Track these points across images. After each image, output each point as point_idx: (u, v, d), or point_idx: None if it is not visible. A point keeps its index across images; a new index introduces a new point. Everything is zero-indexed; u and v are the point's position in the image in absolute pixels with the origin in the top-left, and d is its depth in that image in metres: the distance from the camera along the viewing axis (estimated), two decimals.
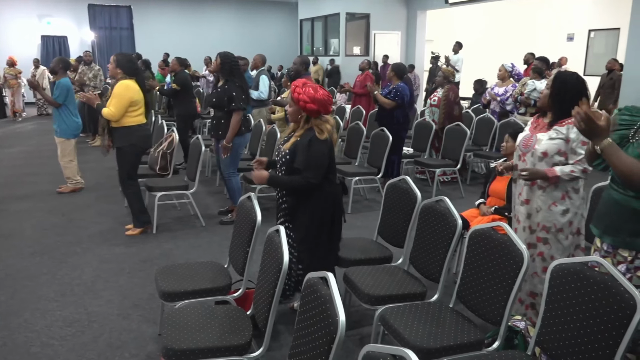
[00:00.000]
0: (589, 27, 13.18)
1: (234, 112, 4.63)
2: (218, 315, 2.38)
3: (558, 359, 2.01)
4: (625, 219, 2.09)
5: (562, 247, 2.77)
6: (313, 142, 2.80)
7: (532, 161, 2.78)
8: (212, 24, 17.88)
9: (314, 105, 2.79)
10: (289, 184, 2.89)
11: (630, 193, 2.06)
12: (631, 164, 1.97)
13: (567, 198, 2.73)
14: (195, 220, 5.08)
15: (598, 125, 1.98)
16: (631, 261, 2.10)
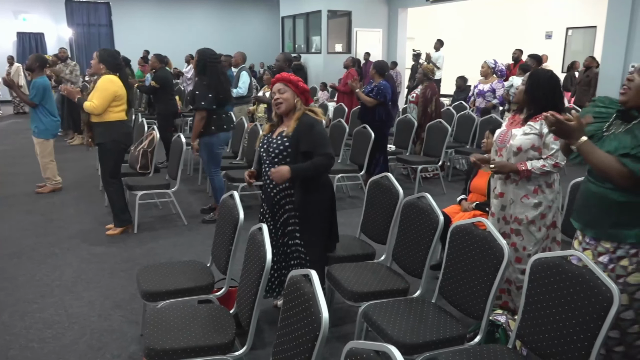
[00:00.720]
0: (567, 25, 13.39)
1: (196, 112, 4.61)
2: (201, 314, 2.37)
3: (538, 351, 2.05)
4: (605, 211, 2.13)
5: (535, 239, 2.83)
6: (315, 123, 2.81)
7: (507, 156, 2.84)
8: (192, 21, 17.72)
9: (305, 86, 2.86)
10: (313, 167, 2.78)
11: (608, 185, 2.09)
12: (607, 160, 2.01)
13: (539, 192, 2.79)
14: (177, 219, 5.03)
15: (570, 126, 2.02)
16: (613, 252, 2.13)
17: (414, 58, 12.29)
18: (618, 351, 2.22)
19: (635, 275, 2.10)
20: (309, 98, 2.92)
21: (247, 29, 18.42)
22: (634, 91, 2.04)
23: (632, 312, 2.15)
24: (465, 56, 13.89)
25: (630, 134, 2.03)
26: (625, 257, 2.11)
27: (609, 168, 2.00)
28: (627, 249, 2.10)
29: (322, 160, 2.78)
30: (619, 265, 2.12)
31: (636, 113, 2.06)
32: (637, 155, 1.97)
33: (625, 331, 2.18)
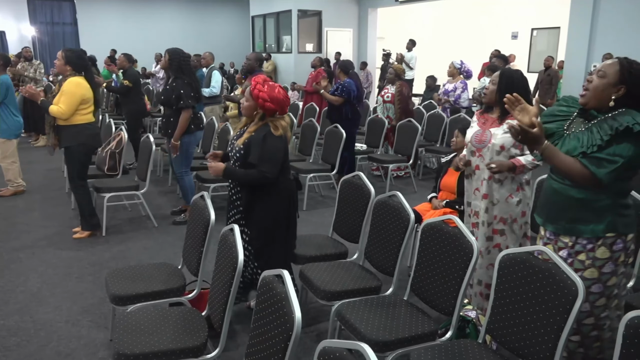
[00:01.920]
0: (532, 25, 13.72)
1: (182, 110, 4.55)
2: (172, 317, 2.33)
3: (507, 345, 2.09)
4: (564, 206, 2.20)
5: (516, 237, 2.89)
6: (268, 137, 2.79)
7: (490, 155, 2.84)
8: (160, 20, 17.44)
9: (272, 105, 2.79)
10: (244, 176, 2.85)
11: (567, 182, 2.17)
12: (569, 162, 2.08)
13: (520, 190, 2.85)
14: (147, 221, 4.95)
15: (534, 134, 2.07)
16: (572, 246, 2.20)
17: (384, 58, 12.39)
18: (575, 341, 2.30)
19: (591, 270, 2.18)
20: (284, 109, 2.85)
21: (217, 28, 18.24)
22: (592, 93, 2.10)
23: (587, 305, 2.23)
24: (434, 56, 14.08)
25: (588, 133, 2.10)
26: (583, 252, 2.18)
27: (571, 170, 2.08)
28: (584, 244, 2.17)
29: (255, 174, 2.80)
30: (577, 260, 2.19)
31: (595, 113, 2.13)
32: (596, 156, 2.03)
33: (581, 322, 2.26)
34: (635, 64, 2.07)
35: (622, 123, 1.99)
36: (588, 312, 2.24)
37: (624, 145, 2.00)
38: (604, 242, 2.15)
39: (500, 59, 7.40)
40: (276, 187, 2.88)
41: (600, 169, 2.01)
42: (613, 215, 2.13)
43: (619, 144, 2.00)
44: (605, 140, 2.01)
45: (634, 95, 2.06)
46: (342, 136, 5.49)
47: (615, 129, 2.00)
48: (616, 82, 2.05)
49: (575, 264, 2.19)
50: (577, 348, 2.32)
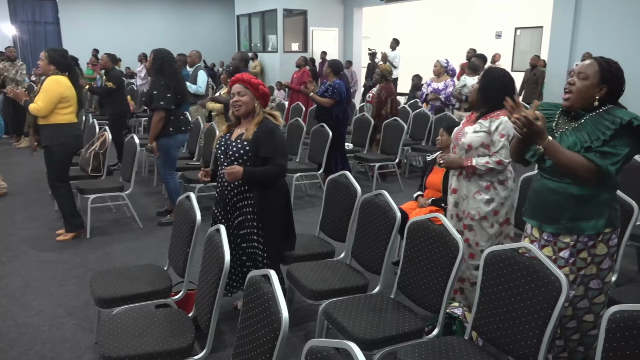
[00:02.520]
0: (516, 25, 13.85)
1: (155, 112, 4.52)
2: (158, 319, 2.32)
3: (493, 341, 2.11)
4: (563, 205, 2.18)
5: (487, 235, 2.90)
6: (276, 129, 2.82)
7: (459, 153, 2.93)
8: (145, 19, 17.27)
9: (266, 90, 2.83)
10: (266, 174, 2.79)
11: (566, 180, 2.16)
12: (574, 157, 2.06)
13: (491, 188, 2.87)
14: (132, 223, 4.90)
15: (538, 126, 2.05)
16: (573, 245, 2.19)
17: (369, 57, 12.42)
18: (575, 339, 2.32)
19: (591, 267, 2.20)
20: (267, 101, 2.89)
21: (202, 27, 18.11)
22: (576, 95, 2.13)
23: (586, 301, 2.25)
24: (419, 55, 14.16)
25: (584, 129, 2.11)
26: (584, 249, 2.18)
27: (577, 165, 2.06)
28: (586, 241, 2.17)
29: (275, 170, 2.79)
30: (579, 258, 2.20)
31: (582, 112, 2.16)
32: (601, 150, 2.04)
33: (580, 319, 2.28)
34: (612, 63, 2.11)
35: (622, 118, 2.03)
36: (587, 309, 2.26)
37: (625, 139, 2.04)
38: (602, 238, 2.17)
39: (480, 58, 7.46)
40: (281, 184, 2.90)
41: (606, 161, 2.03)
42: (610, 209, 2.16)
43: (621, 138, 2.03)
44: (608, 135, 2.04)
45: (614, 92, 2.11)
46: (329, 135, 5.50)
47: (618, 123, 2.02)
48: (598, 82, 2.09)
49: (578, 263, 2.19)
50: (577, 346, 2.33)
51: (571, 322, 2.27)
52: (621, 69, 2.12)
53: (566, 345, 2.32)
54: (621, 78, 2.11)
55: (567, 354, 2.35)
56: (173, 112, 4.59)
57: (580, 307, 2.24)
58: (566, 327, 2.29)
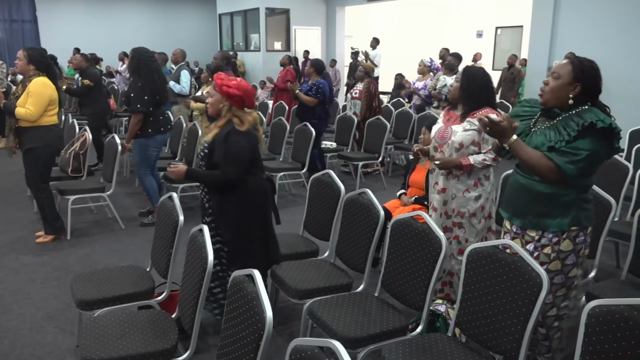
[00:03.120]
0: (496, 24, 14.00)
1: (132, 114, 4.48)
2: (141, 320, 2.29)
3: (476, 337, 2.14)
4: (531, 201, 2.26)
5: (476, 231, 2.95)
6: (231, 135, 2.65)
7: (449, 152, 2.93)
8: (126, 18, 17.04)
9: (237, 91, 2.66)
10: (206, 177, 2.76)
11: (535, 177, 2.22)
12: (536, 156, 2.13)
13: (479, 185, 2.91)
14: (114, 224, 4.84)
15: (502, 127, 2.12)
16: (538, 240, 2.26)
17: (352, 56, 12.45)
18: (540, 332, 2.37)
19: (555, 263, 2.25)
20: (252, 100, 2.76)
21: (183, 26, 17.94)
22: (549, 94, 2.18)
23: (550, 296, 2.30)
24: (401, 54, 14.24)
25: (554, 129, 2.16)
26: (548, 245, 2.24)
27: (538, 163, 2.13)
28: (550, 237, 2.23)
29: (219, 176, 2.68)
30: (543, 253, 2.25)
31: (559, 111, 2.20)
32: (562, 149, 2.09)
33: (545, 314, 2.33)
34: (585, 62, 2.14)
35: (586, 120, 2.07)
36: (551, 303, 2.31)
37: (588, 140, 2.07)
38: (568, 235, 2.21)
39: (455, 57, 7.52)
40: (246, 187, 2.73)
41: (563, 159, 2.08)
42: (577, 209, 2.20)
43: (584, 139, 2.07)
44: (572, 136, 2.08)
45: (590, 91, 2.14)
46: (312, 134, 5.50)
47: (581, 124, 2.07)
48: (571, 81, 2.13)
49: (541, 257, 2.25)
50: (543, 340, 2.39)
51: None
52: (596, 67, 2.15)
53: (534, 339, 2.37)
54: (595, 77, 2.14)
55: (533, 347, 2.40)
56: (151, 113, 4.54)
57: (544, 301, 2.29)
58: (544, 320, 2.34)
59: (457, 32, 14.21)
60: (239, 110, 2.73)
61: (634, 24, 7.46)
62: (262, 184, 2.83)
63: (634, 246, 2.74)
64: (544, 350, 2.42)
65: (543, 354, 2.43)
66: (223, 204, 2.76)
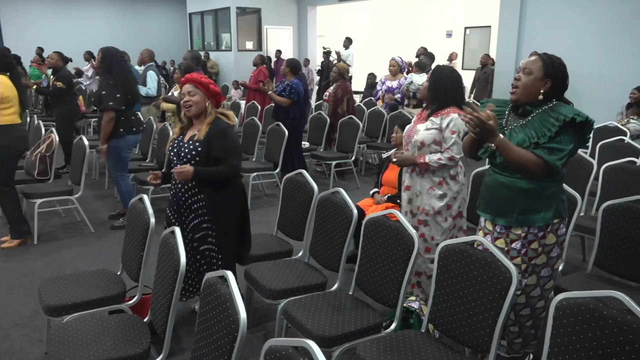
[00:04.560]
0: (465, 24, 14.24)
1: (104, 112, 4.40)
2: (112, 325, 2.25)
3: (449, 332, 2.17)
4: (515, 199, 2.27)
5: (442, 229, 2.98)
6: (229, 130, 2.75)
7: (412, 150, 2.99)
8: (92, 17, 16.66)
9: (217, 89, 2.78)
10: (217, 174, 2.73)
11: (516, 175, 2.24)
12: (523, 154, 2.15)
13: (444, 184, 2.95)
14: (83, 227, 4.74)
15: (490, 125, 2.13)
16: (524, 237, 2.28)
17: (324, 56, 12.48)
18: (528, 325, 2.41)
19: (542, 257, 2.29)
20: (220, 100, 2.83)
21: (153, 25, 17.66)
22: (521, 89, 2.22)
23: (539, 290, 2.34)
24: (373, 54, 14.34)
25: (531, 126, 2.20)
26: (535, 240, 2.27)
27: (526, 161, 2.14)
28: (536, 232, 2.26)
29: (227, 170, 2.73)
30: (530, 249, 2.29)
31: (530, 108, 2.24)
32: (548, 146, 2.13)
33: (534, 307, 2.37)
34: (555, 58, 2.20)
35: (566, 115, 2.12)
36: (539, 296, 2.35)
37: (569, 135, 2.13)
38: (552, 229, 2.26)
39: (428, 57, 7.61)
40: (235, 184, 2.83)
41: (553, 157, 2.12)
42: (557, 202, 2.25)
43: (566, 134, 2.12)
44: (553, 132, 2.13)
45: (558, 87, 2.20)
46: (284, 134, 5.48)
47: (562, 120, 2.11)
48: (542, 76, 2.18)
49: (529, 253, 2.28)
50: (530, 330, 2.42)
51: (525, 309, 2.36)
52: (564, 64, 2.22)
53: (520, 332, 2.42)
54: (564, 73, 2.21)
55: (522, 340, 2.44)
56: (123, 112, 4.46)
57: (533, 295, 2.34)
58: (520, 315, 2.38)
59: (427, 32, 14.39)
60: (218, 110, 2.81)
61: (598, 23, 7.69)
62: (240, 179, 2.93)
63: (599, 240, 2.82)
64: (530, 338, 2.44)
65: (529, 342, 2.45)
66: (217, 201, 2.78)
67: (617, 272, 2.77)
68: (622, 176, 3.73)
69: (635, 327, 1.56)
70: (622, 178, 3.72)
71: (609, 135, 5.14)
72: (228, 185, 2.79)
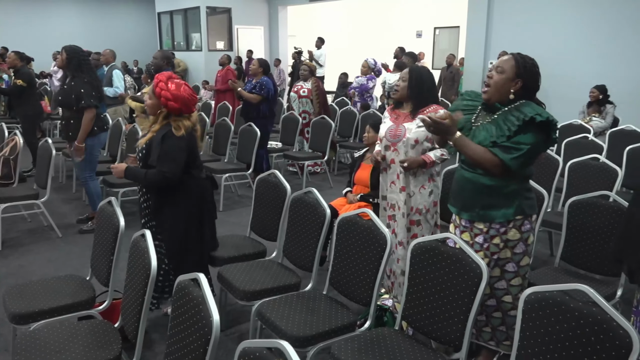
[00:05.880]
0: (435, 25, 14.43)
1: (85, 110, 4.30)
2: (81, 331, 2.20)
3: (422, 329, 2.20)
4: (476, 194, 2.33)
5: (430, 226, 3.04)
6: (167, 138, 2.70)
7: (404, 149, 2.97)
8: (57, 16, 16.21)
9: (175, 104, 2.69)
10: (143, 177, 2.74)
11: (478, 171, 2.31)
12: (480, 151, 2.22)
13: (431, 180, 3.00)
14: (50, 232, 4.62)
15: (445, 125, 2.20)
16: (486, 232, 2.34)
17: (294, 55, 12.46)
18: (497, 317, 2.47)
19: (505, 251, 2.34)
20: (190, 108, 2.76)
21: (120, 24, 17.30)
22: (493, 88, 2.26)
23: (504, 282, 2.40)
24: (344, 54, 14.40)
25: (495, 124, 2.25)
26: (497, 236, 2.33)
27: (482, 159, 2.21)
28: (497, 228, 2.32)
29: (154, 175, 2.70)
30: (492, 244, 2.34)
31: (499, 105, 2.29)
32: (504, 145, 2.18)
33: (500, 299, 2.42)
34: (527, 59, 2.26)
35: (526, 114, 2.16)
36: (505, 290, 2.40)
37: (528, 134, 2.17)
38: (514, 225, 2.31)
39: (409, 56, 7.68)
40: (184, 188, 2.79)
41: (508, 156, 2.17)
42: (520, 199, 2.30)
43: (524, 134, 2.17)
44: (513, 131, 2.17)
45: (529, 87, 2.25)
46: (257, 134, 5.45)
47: (522, 119, 2.16)
48: (513, 76, 2.23)
49: (491, 248, 2.34)
50: (500, 325, 2.47)
51: (490, 300, 2.42)
52: (536, 65, 2.27)
53: (488, 321, 2.47)
54: (536, 74, 2.26)
55: (491, 330, 2.49)
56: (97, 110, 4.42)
57: (498, 287, 2.40)
58: (486, 305, 2.43)
59: (398, 32, 14.52)
60: (177, 116, 2.75)
61: (563, 23, 7.90)
62: (200, 184, 2.88)
63: (565, 235, 2.90)
64: (502, 337, 2.48)
65: (502, 341, 2.49)
66: (161, 205, 2.79)
67: (583, 266, 2.85)
68: (586, 172, 3.84)
69: (599, 318, 1.61)
70: (586, 174, 3.84)
71: (573, 132, 5.29)
72: (176, 189, 2.76)
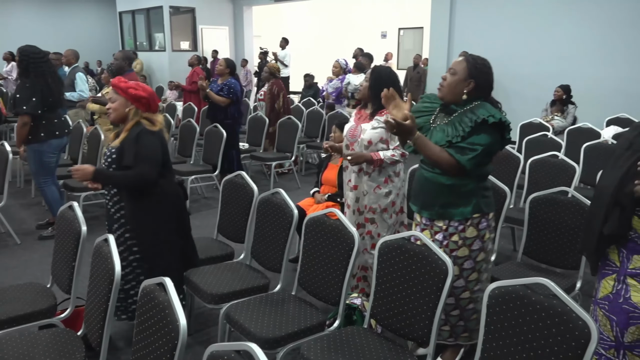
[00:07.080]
0: (399, 25, 14.61)
1: (19, 117, 4.18)
2: (42, 341, 2.13)
3: (390, 327, 2.22)
4: (435, 193, 2.39)
5: (387, 225, 3.05)
6: (142, 135, 2.58)
7: (359, 149, 3.01)
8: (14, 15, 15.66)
9: (144, 94, 2.61)
10: (121, 178, 2.60)
11: (437, 171, 2.36)
12: (437, 152, 2.27)
13: (389, 181, 3.01)
14: (8, 239, 4.45)
15: (407, 126, 2.22)
16: (445, 229, 2.40)
17: (260, 56, 12.41)
18: (454, 315, 2.52)
19: (463, 249, 2.40)
20: (150, 103, 2.67)
21: (80, 24, 16.83)
22: (446, 88, 2.32)
23: (462, 281, 2.45)
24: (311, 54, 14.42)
25: (451, 125, 2.31)
26: (455, 233, 2.39)
27: (439, 159, 2.27)
28: (456, 225, 2.38)
29: (133, 175, 2.56)
30: (451, 241, 2.40)
31: (455, 107, 2.34)
32: (459, 145, 2.23)
33: (458, 297, 2.48)
34: (479, 59, 2.31)
35: (479, 116, 2.22)
36: (464, 287, 2.46)
37: (482, 135, 2.23)
38: (472, 223, 2.37)
39: (366, 57, 7.73)
40: (159, 192, 2.65)
41: (463, 157, 2.23)
42: (477, 197, 2.36)
43: (478, 135, 2.23)
44: (467, 132, 2.22)
45: (482, 87, 2.30)
46: (223, 136, 5.40)
47: (474, 121, 2.22)
48: (466, 77, 2.28)
49: (450, 245, 2.40)
50: (458, 321, 2.54)
51: (449, 298, 2.47)
52: (488, 65, 2.32)
53: (447, 320, 2.53)
54: (487, 74, 2.31)
55: (449, 328, 2.55)
56: (43, 116, 4.21)
57: (457, 286, 2.46)
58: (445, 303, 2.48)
59: (363, 32, 14.65)
60: (146, 113, 2.66)
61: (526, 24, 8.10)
62: (174, 188, 2.77)
63: (527, 230, 2.98)
64: (460, 330, 2.56)
65: (460, 335, 2.56)
66: (136, 211, 2.64)
67: (544, 260, 2.94)
68: (546, 169, 3.96)
69: (560, 311, 1.66)
70: (546, 171, 3.96)
71: (534, 130, 5.45)
72: (152, 193, 2.62)
